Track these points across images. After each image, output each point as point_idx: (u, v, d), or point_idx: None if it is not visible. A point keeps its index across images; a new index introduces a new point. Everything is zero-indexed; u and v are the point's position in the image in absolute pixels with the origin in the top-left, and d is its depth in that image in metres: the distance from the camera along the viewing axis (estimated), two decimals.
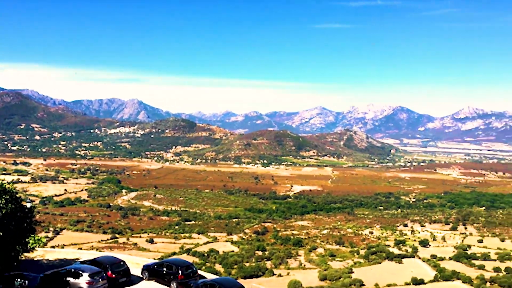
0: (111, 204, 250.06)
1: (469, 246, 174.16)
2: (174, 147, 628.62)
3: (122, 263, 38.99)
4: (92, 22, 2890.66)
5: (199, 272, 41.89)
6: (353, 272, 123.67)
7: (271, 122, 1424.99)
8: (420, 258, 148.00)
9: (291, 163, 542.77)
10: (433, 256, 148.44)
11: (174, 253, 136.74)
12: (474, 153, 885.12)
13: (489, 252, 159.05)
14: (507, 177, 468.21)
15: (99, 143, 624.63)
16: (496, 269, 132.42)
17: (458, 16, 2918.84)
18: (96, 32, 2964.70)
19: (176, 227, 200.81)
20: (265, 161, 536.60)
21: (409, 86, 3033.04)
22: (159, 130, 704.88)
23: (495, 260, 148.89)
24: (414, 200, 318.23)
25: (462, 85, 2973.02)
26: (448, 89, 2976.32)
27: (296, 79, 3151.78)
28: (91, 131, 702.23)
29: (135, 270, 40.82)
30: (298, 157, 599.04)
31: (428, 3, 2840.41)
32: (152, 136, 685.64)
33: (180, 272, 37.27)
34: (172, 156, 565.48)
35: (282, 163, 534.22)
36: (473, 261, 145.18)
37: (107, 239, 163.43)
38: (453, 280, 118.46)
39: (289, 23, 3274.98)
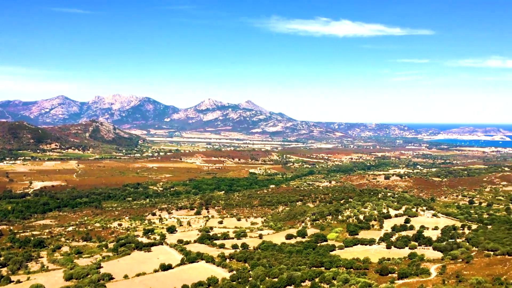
0: None
1: (211, 228, 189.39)
2: None
3: None
4: None
5: None
6: (102, 267, 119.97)
7: (3, 113, 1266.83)
8: (168, 244, 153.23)
9: (30, 158, 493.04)
10: (180, 241, 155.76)
11: None
12: (215, 141, 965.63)
13: (228, 232, 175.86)
14: (242, 163, 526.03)
15: None
16: (234, 246, 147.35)
17: (195, 13, 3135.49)
18: None
19: None
20: None
21: (156, 77, 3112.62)
22: None
23: (233, 238, 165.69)
24: (162, 189, 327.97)
25: (203, 78, 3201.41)
26: (191, 81, 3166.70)
27: (34, 66, 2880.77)
28: None
29: None
30: (38, 150, 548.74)
31: None
32: None
33: None
34: None
35: (19, 158, 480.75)
36: (215, 241, 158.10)
37: None
38: (198, 261, 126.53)
39: (19, 3, 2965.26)
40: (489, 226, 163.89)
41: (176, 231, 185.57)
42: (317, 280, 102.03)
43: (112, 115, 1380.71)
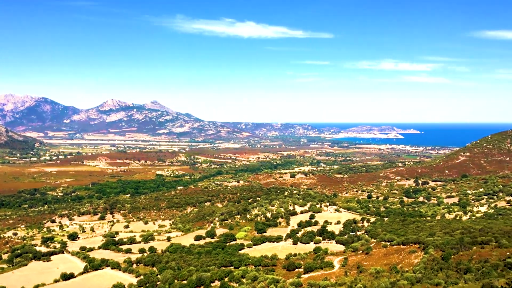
0: None
1: (117, 233, 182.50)
2: None
3: None
4: None
5: None
6: None
7: None
8: (70, 252, 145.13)
9: None
10: (83, 248, 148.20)
11: None
12: (119, 143, 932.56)
13: (134, 236, 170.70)
14: (149, 165, 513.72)
15: None
16: (142, 250, 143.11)
17: (95, 9, 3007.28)
18: None
19: None
20: None
21: (54, 76, 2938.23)
22: None
23: (140, 242, 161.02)
24: (62, 194, 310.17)
25: (105, 78, 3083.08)
26: (93, 81, 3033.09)
27: None
28: None
29: None
30: None
31: None
32: None
33: None
34: None
35: None
36: (120, 247, 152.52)
37: None
38: (103, 268, 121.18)
39: None
40: (386, 219, 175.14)
41: (79, 238, 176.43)
42: (226, 279, 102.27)
43: (4, 117, 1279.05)
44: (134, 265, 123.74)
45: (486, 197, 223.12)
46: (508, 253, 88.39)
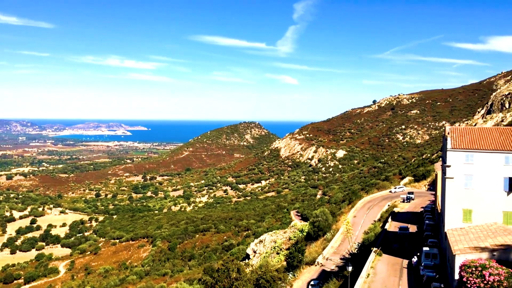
0: None
1: None
2: None
3: None
4: None
5: None
6: None
7: None
8: None
9: None
10: None
11: None
12: None
13: None
14: None
15: None
16: None
17: None
18: None
19: None
20: None
21: None
22: None
23: None
24: None
25: None
26: None
27: None
28: None
29: None
30: None
31: None
32: None
33: None
34: None
35: None
36: None
37: None
38: None
39: None
40: (115, 216, 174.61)
41: None
42: None
43: None
44: None
45: (206, 188, 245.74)
46: (225, 237, 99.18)
